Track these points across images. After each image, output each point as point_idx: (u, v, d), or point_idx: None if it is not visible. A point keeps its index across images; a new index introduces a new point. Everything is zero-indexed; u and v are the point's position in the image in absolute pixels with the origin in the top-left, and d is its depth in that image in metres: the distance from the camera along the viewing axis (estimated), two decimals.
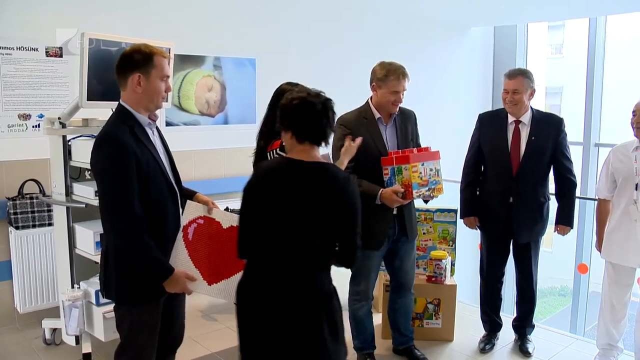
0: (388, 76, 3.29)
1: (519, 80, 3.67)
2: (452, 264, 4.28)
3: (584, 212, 7.08)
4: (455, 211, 4.25)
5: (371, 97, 3.45)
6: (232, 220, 2.60)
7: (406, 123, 3.50)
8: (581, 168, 7.17)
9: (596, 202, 3.81)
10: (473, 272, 4.42)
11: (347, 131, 3.29)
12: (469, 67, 8.01)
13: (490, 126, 3.82)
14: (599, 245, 3.76)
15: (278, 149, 3.09)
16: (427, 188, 3.29)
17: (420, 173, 3.25)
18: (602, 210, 3.74)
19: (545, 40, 13.85)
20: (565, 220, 3.81)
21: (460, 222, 4.11)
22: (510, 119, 3.73)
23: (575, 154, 3.93)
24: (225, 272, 2.58)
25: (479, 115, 3.94)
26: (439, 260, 4.11)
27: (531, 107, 3.76)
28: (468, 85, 7.94)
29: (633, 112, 3.45)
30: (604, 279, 3.72)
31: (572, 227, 3.84)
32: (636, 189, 3.47)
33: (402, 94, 3.34)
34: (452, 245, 4.33)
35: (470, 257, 5.46)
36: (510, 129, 3.73)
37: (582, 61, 7.63)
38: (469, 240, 5.40)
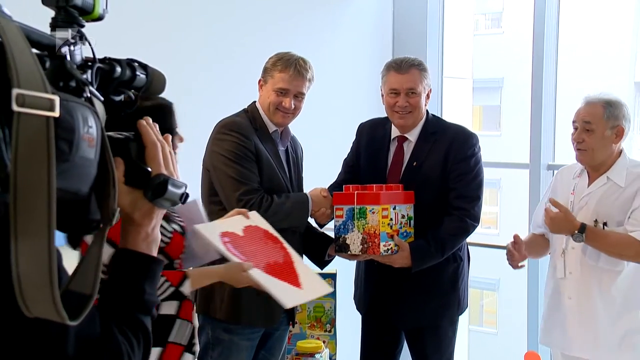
0: (277, 66, 3.53)
1: (414, 74, 3.68)
2: None
3: (537, 273, 7.26)
4: (334, 276, 4.30)
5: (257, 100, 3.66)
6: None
7: (295, 147, 3.78)
8: (528, 203, 7.28)
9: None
10: None
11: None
12: (354, 48, 8.16)
13: (370, 142, 3.91)
14: None
15: None
16: (394, 242, 3.58)
17: (391, 220, 3.54)
18: (536, 243, 3.99)
19: (472, 8, 14.25)
20: (414, 253, 3.64)
21: (341, 294, 4.19)
22: (394, 132, 3.80)
23: (520, 182, 4.06)
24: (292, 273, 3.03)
25: (360, 125, 4.03)
26: (310, 355, 4.09)
27: (428, 114, 3.83)
28: (353, 75, 8.09)
29: (573, 122, 3.62)
30: None
31: (413, 268, 3.68)
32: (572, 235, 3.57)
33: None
34: (330, 331, 4.37)
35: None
36: (392, 148, 3.81)
37: (530, 40, 7.75)
38: (357, 320, 5.47)
